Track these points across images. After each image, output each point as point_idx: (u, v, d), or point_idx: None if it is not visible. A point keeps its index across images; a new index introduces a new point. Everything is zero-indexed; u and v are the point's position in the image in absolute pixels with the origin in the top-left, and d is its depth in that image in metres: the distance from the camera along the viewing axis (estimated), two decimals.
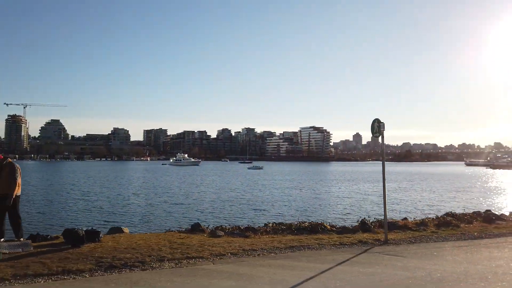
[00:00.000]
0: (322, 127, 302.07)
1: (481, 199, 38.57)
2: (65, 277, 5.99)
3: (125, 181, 61.63)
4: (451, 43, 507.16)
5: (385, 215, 9.88)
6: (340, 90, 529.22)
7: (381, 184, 10.57)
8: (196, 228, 10.40)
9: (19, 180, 8.61)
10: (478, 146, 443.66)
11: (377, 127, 9.94)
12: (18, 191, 8.61)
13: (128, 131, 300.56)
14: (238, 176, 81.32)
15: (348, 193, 44.48)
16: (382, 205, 10.31)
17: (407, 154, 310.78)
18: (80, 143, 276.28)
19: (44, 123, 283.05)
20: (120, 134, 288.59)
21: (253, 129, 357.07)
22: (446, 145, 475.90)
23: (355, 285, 5.82)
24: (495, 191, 47.80)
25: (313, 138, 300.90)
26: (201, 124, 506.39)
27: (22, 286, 5.63)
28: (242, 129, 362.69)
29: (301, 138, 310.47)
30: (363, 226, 11.03)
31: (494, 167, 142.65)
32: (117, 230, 10.68)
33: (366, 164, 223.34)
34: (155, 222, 22.86)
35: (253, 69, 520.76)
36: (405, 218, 14.12)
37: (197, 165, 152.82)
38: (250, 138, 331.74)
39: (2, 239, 8.14)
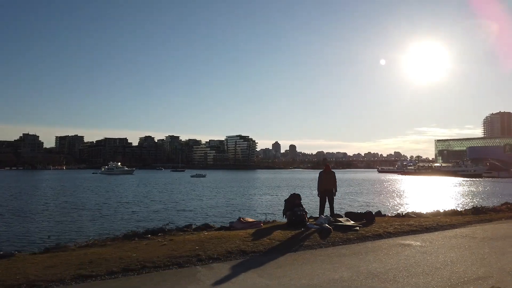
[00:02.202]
0: (248, 136, 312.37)
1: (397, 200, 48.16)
2: None
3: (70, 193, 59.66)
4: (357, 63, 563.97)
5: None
6: (261, 101, 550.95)
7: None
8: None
9: None
10: (381, 155, 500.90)
11: None
12: None
13: (39, 137, 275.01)
14: (192, 185, 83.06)
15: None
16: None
17: (324, 162, 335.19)
18: None
19: None
20: (30, 141, 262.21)
21: (178, 137, 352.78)
22: (355, 154, 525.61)
23: None
24: (404, 193, 58.97)
25: (239, 146, 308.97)
26: (120, 131, 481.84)
27: None
28: (166, 137, 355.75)
29: (227, 147, 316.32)
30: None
31: (404, 173, 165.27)
32: None
33: (292, 171, 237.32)
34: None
35: (176, 76, 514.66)
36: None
37: (131, 173, 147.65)
38: (176, 146, 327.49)
39: None
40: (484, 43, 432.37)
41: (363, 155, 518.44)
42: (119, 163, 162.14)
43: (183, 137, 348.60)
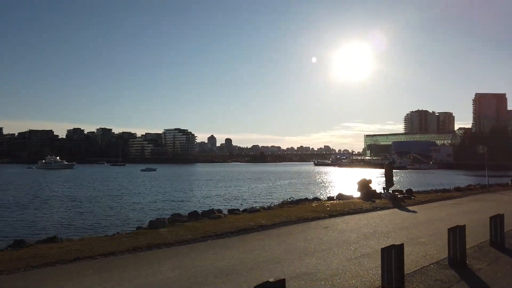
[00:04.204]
0: (187, 130, 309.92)
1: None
2: None
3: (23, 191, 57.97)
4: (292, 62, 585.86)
5: None
6: (197, 95, 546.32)
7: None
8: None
9: None
10: (312, 149, 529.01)
11: None
12: None
13: None
14: (152, 179, 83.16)
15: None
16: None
17: (261, 155, 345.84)
18: None
19: None
20: None
21: (110, 130, 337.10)
22: (288, 148, 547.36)
23: None
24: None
25: (178, 140, 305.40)
26: (42, 123, 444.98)
27: None
28: (97, 129, 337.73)
29: (165, 140, 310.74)
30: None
31: (340, 165, 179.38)
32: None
33: (232, 165, 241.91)
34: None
35: (110, 67, 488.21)
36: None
37: (72, 168, 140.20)
38: (110, 139, 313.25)
39: None
40: (401, 45, 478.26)
41: (296, 149, 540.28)
42: (58, 157, 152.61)
43: (116, 130, 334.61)
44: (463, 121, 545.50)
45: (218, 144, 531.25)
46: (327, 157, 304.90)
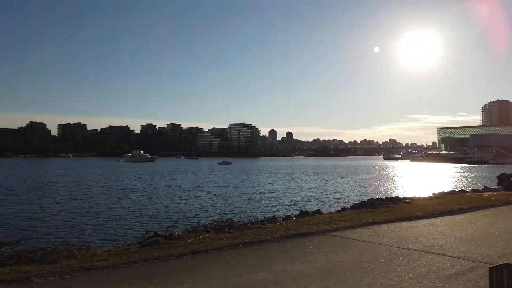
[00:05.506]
0: (251, 124, 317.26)
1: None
2: None
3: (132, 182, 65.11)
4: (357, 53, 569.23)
5: None
6: (258, 89, 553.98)
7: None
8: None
9: None
10: (377, 142, 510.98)
11: None
12: None
13: (46, 125, 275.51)
14: (229, 172, 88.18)
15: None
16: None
17: (325, 149, 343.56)
18: None
19: None
20: (38, 129, 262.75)
21: (179, 125, 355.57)
22: (350, 141, 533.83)
23: None
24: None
25: (243, 134, 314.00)
26: (120, 119, 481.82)
27: None
28: (167, 124, 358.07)
29: (230, 134, 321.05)
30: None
31: (412, 160, 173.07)
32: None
33: (298, 159, 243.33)
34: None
35: (179, 67, 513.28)
36: None
37: (153, 161, 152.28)
38: (180, 133, 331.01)
39: None
40: (475, 28, 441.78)
41: (359, 142, 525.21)
42: (142, 151, 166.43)
43: (184, 125, 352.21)
44: None
45: (279, 138, 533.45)
46: (393, 151, 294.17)
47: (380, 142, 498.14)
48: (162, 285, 5.98)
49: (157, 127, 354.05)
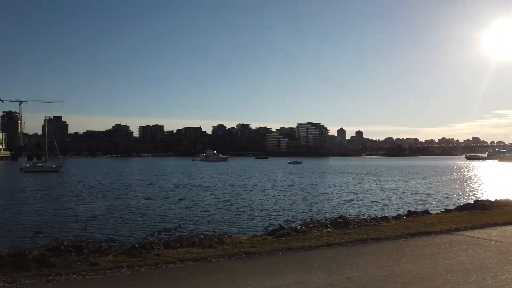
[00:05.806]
0: (319, 123, 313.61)
1: None
2: None
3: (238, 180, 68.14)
4: (432, 47, 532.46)
5: None
6: (330, 89, 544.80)
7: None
8: None
9: None
10: (457, 141, 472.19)
11: None
12: None
13: (129, 127, 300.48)
14: (300, 171, 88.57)
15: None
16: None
17: (398, 148, 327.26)
18: (81, 139, 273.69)
19: (44, 120, 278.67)
20: (123, 131, 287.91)
21: (248, 125, 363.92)
22: (427, 140, 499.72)
23: None
24: None
25: (311, 133, 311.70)
26: (192, 121, 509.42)
27: None
28: (237, 125, 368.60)
29: (298, 134, 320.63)
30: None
31: (501, 159, 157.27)
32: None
33: (370, 159, 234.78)
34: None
35: (246, 68, 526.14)
36: None
37: (226, 160, 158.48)
38: (250, 134, 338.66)
39: None
40: None
41: (436, 141, 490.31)
42: (215, 151, 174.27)
43: (253, 125, 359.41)
44: None
45: (348, 137, 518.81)
46: (477, 150, 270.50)
47: (461, 141, 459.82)
48: (352, 266, 6.66)
49: (227, 128, 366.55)
